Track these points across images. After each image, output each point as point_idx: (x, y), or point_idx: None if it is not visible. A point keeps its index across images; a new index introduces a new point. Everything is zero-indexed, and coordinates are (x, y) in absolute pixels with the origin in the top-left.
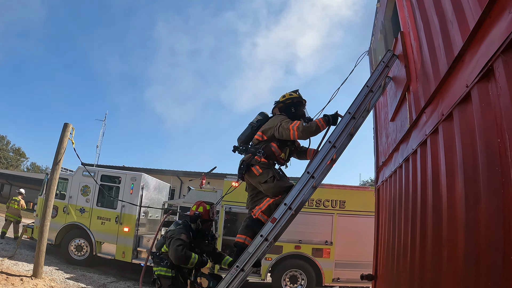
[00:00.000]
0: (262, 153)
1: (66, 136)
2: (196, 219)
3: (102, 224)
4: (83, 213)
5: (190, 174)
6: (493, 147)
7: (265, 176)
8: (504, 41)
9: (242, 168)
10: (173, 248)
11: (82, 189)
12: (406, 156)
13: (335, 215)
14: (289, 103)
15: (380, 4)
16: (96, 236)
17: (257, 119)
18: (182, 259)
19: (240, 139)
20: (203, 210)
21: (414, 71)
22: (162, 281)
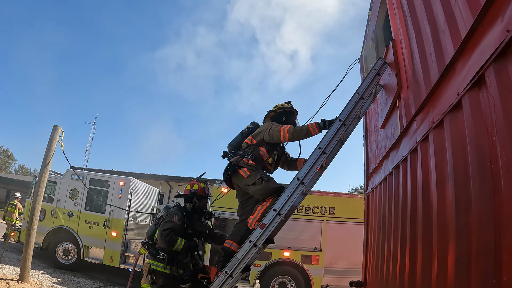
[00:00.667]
0: (250, 156)
1: (55, 139)
2: (192, 197)
3: (90, 228)
4: (71, 216)
5: (180, 179)
6: (484, 155)
7: (253, 178)
8: (496, 50)
9: (228, 169)
10: (159, 232)
11: (71, 192)
12: (396, 163)
13: (325, 222)
14: (280, 112)
15: (372, 12)
16: (84, 240)
17: (248, 127)
18: (166, 243)
19: (231, 145)
20: (198, 187)
21: (405, 79)
22: (157, 277)
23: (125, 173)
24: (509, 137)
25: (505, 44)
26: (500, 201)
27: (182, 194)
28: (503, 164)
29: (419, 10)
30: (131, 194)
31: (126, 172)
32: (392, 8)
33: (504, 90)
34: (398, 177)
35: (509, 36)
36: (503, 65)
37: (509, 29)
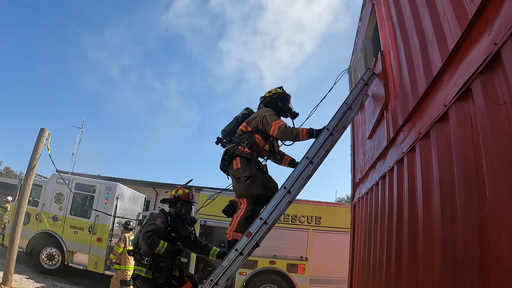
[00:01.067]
0: (246, 143)
1: (42, 142)
2: (176, 201)
3: (75, 233)
4: (56, 221)
5: (166, 186)
6: (470, 166)
7: (241, 173)
8: (483, 62)
9: (226, 158)
10: (142, 234)
11: (56, 196)
12: (382, 173)
13: (311, 231)
14: (276, 97)
15: (362, 23)
16: (69, 246)
17: (242, 113)
18: (148, 245)
19: (225, 131)
20: (182, 192)
21: (393, 90)
22: (140, 283)
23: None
24: (494, 149)
25: (492, 57)
26: (485, 212)
27: (166, 199)
28: (488, 176)
29: (408, 22)
30: (117, 200)
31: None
32: (381, 19)
33: (490, 103)
34: (385, 187)
35: (496, 49)
36: (490, 78)
37: (496, 42)
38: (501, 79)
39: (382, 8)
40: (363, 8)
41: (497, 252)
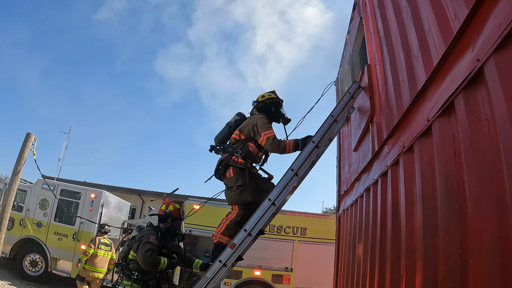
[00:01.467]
0: (240, 153)
1: (28, 147)
2: (166, 218)
3: (59, 240)
4: (40, 227)
5: (152, 194)
6: (452, 181)
7: (233, 182)
8: (466, 78)
9: (220, 168)
10: (141, 254)
11: (41, 202)
12: (367, 186)
13: (296, 241)
14: (269, 103)
15: (350, 36)
16: (52, 252)
17: (234, 119)
18: (151, 265)
19: (217, 138)
20: (173, 208)
21: (379, 103)
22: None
23: (98, 185)
24: (476, 165)
25: (475, 73)
26: (466, 227)
27: (156, 214)
28: (469, 191)
29: (394, 37)
30: (102, 207)
31: (99, 184)
32: (368, 33)
33: (472, 119)
34: (369, 200)
35: (479, 65)
36: (473, 94)
37: (479, 58)
38: (483, 96)
39: (369, 22)
40: (351, 22)
41: (478, 266)
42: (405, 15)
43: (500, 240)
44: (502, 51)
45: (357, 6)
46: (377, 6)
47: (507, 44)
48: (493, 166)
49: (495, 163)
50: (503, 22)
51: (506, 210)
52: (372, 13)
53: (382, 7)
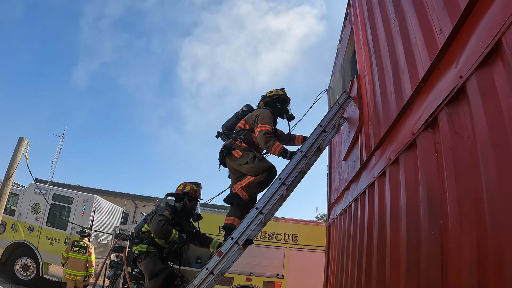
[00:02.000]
0: (243, 139)
1: (20, 151)
2: (183, 197)
3: (50, 244)
4: (32, 231)
5: (145, 199)
6: (434, 195)
7: (246, 158)
8: (449, 94)
9: (223, 151)
10: (154, 222)
11: (33, 206)
12: (355, 196)
13: (287, 248)
14: (276, 98)
15: (341, 45)
16: (44, 257)
17: (242, 109)
18: (163, 232)
19: (225, 126)
20: (190, 188)
21: (367, 114)
22: (142, 256)
23: (91, 189)
24: (457, 181)
25: (458, 89)
26: (447, 241)
27: (173, 193)
28: (450, 207)
29: (383, 48)
30: (94, 212)
31: (92, 188)
32: (358, 44)
33: (454, 134)
34: (357, 210)
35: (461, 82)
36: (455, 110)
37: (462, 75)
38: (465, 112)
39: (360, 32)
40: (342, 31)
41: (457, 280)
42: (393, 27)
43: (479, 257)
44: (484, 68)
45: (349, 16)
46: (367, 17)
47: (489, 62)
48: (473, 183)
49: (475, 180)
50: (486, 39)
51: (485, 227)
52: (362, 24)
53: (371, 18)
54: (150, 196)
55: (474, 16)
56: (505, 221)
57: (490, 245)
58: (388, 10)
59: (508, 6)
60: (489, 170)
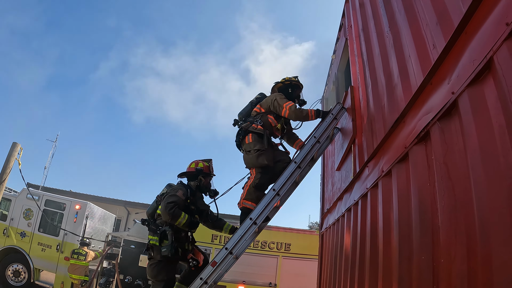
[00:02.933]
0: (259, 122)
1: (14, 156)
2: (197, 174)
3: (42, 250)
4: (23, 237)
5: (138, 206)
6: (426, 207)
7: (251, 146)
8: (441, 109)
9: (240, 133)
10: (164, 204)
11: (25, 212)
12: (348, 206)
13: (280, 257)
14: (287, 84)
15: (335, 56)
16: (35, 263)
17: (256, 97)
18: (170, 216)
19: (241, 114)
20: (203, 165)
21: (361, 125)
22: (154, 252)
23: (83, 195)
24: (448, 195)
25: (450, 105)
26: (438, 253)
27: (185, 172)
28: (441, 220)
29: (377, 61)
30: (87, 219)
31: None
32: (353, 55)
33: (446, 149)
34: (350, 220)
35: (453, 98)
36: (447, 125)
37: (454, 91)
38: (457, 128)
39: (354, 44)
40: (337, 42)
41: None
42: (387, 41)
43: (469, 269)
44: (476, 85)
45: (343, 27)
46: (361, 29)
47: (481, 80)
48: (464, 197)
49: (466, 194)
50: (478, 57)
51: (475, 239)
52: (357, 36)
53: (366, 31)
54: (142, 203)
55: (467, 33)
56: (495, 233)
57: (481, 257)
58: (382, 23)
59: (500, 25)
60: (479, 184)
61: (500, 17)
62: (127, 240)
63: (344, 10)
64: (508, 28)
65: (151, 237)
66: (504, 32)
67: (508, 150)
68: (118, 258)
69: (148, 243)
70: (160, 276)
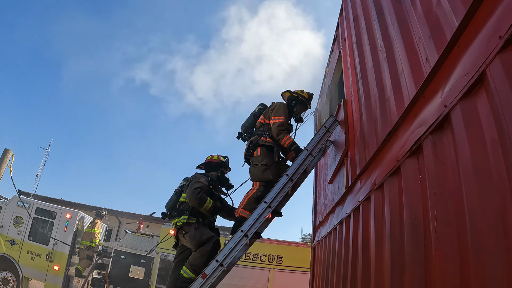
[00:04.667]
0: (267, 134)
1: (5, 163)
2: (220, 166)
3: (32, 259)
4: (13, 245)
5: (129, 216)
6: (418, 222)
7: (259, 160)
8: (434, 122)
9: (250, 148)
10: (190, 190)
11: (15, 219)
12: (340, 219)
13: (272, 270)
14: (295, 97)
15: (329, 69)
16: (25, 271)
17: (258, 108)
18: (198, 200)
19: (244, 126)
20: (224, 159)
21: (353, 138)
22: (186, 228)
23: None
24: (440, 208)
25: (442, 118)
26: (431, 267)
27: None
28: (434, 233)
29: (370, 74)
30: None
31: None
32: (346, 68)
33: (438, 163)
34: (342, 233)
35: (446, 111)
36: (440, 138)
37: (446, 105)
38: (449, 141)
39: (347, 57)
40: (331, 55)
41: None
42: (381, 54)
43: (461, 282)
44: (468, 99)
45: (337, 40)
46: (355, 42)
47: (473, 93)
48: (456, 210)
49: (458, 208)
50: (470, 70)
51: (467, 253)
52: (350, 49)
53: (359, 44)
54: (134, 213)
55: (460, 47)
56: (487, 247)
57: (473, 270)
58: (376, 37)
59: (493, 38)
60: (472, 197)
61: (493, 31)
62: (117, 251)
63: (338, 23)
64: (501, 41)
65: (178, 219)
66: (497, 46)
67: (501, 164)
68: (108, 268)
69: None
70: (205, 236)
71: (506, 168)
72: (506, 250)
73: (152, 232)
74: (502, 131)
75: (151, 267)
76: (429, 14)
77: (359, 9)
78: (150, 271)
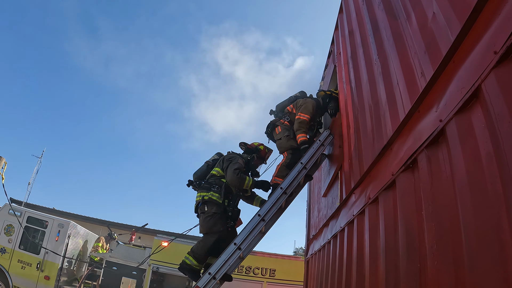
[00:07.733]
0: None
1: None
2: (253, 152)
3: (22, 268)
4: (3, 253)
5: (121, 227)
6: (413, 236)
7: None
8: (429, 137)
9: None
10: (231, 170)
11: (6, 228)
12: (334, 233)
13: (265, 283)
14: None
15: (324, 83)
16: (14, 281)
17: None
18: (238, 180)
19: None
20: (263, 148)
21: (348, 152)
22: (209, 206)
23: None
24: (435, 222)
25: (438, 132)
26: (425, 282)
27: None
28: (429, 248)
29: (365, 88)
30: (69, 238)
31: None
32: (341, 82)
33: (433, 177)
34: (336, 247)
35: (441, 126)
36: (435, 153)
37: (442, 119)
38: (444, 155)
39: (342, 71)
40: (326, 68)
41: None
42: (376, 68)
43: None
44: (464, 113)
45: (332, 54)
46: (350, 56)
47: (468, 108)
48: (451, 225)
49: (453, 222)
50: (466, 85)
51: (462, 268)
52: (346, 63)
53: (354, 58)
54: (126, 224)
55: (455, 61)
56: (482, 262)
57: (468, 285)
58: (371, 51)
59: (488, 54)
60: (467, 212)
61: (488, 46)
62: (109, 262)
63: (334, 37)
64: (496, 57)
65: (204, 193)
66: (492, 61)
67: (496, 178)
68: (100, 279)
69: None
70: (216, 228)
71: (501, 182)
72: (501, 265)
73: (144, 243)
74: (497, 146)
75: (142, 279)
76: (424, 29)
77: (354, 24)
78: (142, 283)
